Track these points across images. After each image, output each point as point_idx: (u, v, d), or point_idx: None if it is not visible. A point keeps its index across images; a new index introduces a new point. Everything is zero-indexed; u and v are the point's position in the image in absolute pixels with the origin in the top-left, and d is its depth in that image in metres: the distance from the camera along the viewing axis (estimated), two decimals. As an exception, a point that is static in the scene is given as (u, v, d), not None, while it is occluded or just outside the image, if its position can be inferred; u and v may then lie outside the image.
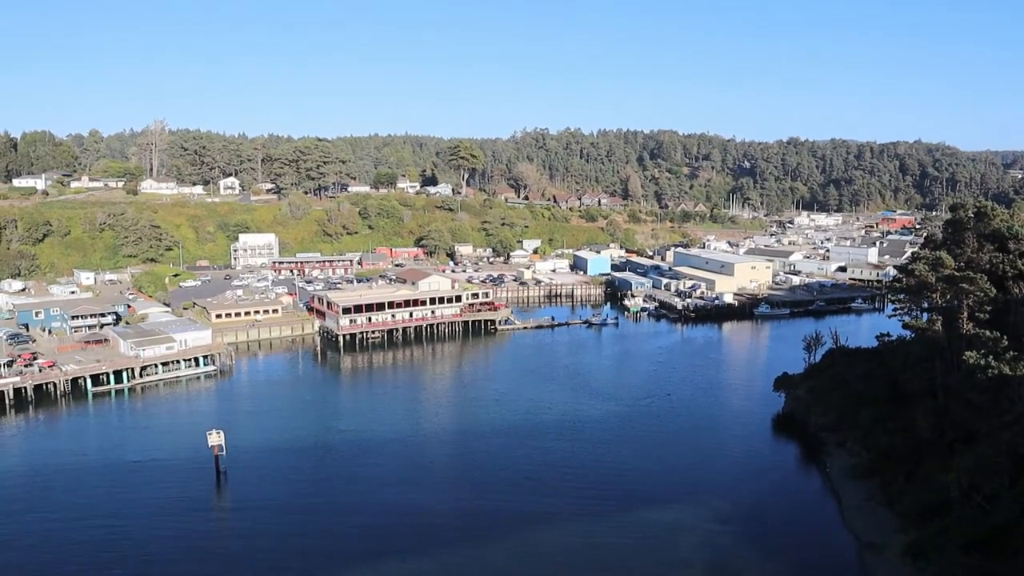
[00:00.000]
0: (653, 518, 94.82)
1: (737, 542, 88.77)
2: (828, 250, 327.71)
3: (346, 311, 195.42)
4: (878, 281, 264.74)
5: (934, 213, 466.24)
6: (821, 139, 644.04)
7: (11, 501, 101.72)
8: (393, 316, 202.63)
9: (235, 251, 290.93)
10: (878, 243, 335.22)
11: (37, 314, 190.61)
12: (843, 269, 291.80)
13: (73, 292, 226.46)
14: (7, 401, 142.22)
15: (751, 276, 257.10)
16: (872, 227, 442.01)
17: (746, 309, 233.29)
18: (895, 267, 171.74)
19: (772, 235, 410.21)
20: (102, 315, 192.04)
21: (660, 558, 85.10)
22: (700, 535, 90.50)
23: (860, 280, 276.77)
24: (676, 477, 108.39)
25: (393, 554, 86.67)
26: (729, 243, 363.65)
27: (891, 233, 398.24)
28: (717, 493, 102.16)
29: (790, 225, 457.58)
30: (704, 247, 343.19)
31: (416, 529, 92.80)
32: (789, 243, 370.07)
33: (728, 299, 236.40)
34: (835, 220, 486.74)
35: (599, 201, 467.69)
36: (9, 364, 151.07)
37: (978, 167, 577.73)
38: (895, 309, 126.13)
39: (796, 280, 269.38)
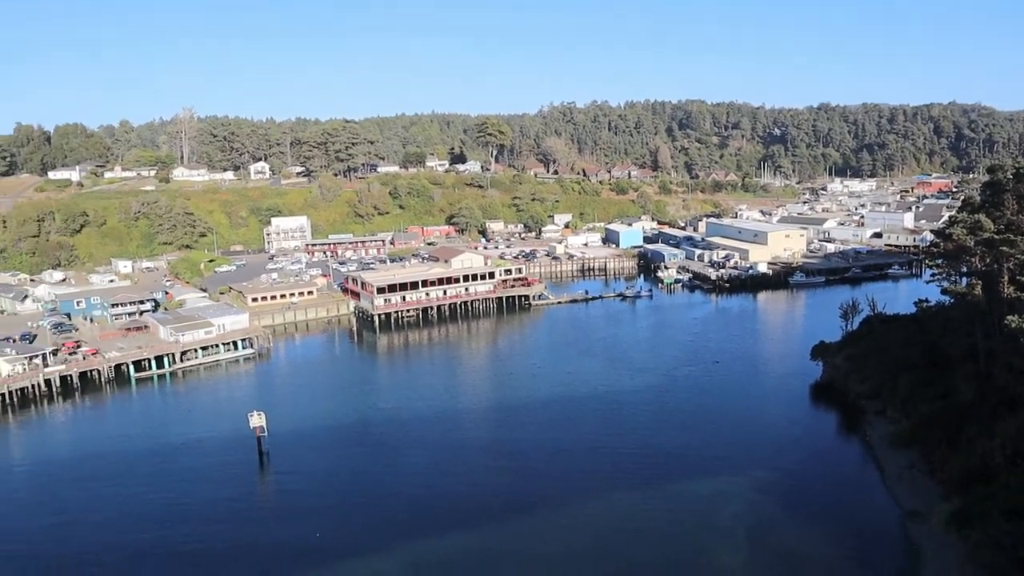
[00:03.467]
0: (692, 488, 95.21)
1: (778, 511, 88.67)
2: (863, 216, 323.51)
3: (380, 291, 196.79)
4: (915, 246, 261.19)
5: (971, 175, 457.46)
6: (852, 104, 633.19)
7: (60, 485, 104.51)
8: (427, 294, 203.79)
9: (268, 235, 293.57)
10: (914, 208, 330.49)
11: (78, 303, 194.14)
12: (878, 235, 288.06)
13: (112, 280, 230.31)
14: (54, 389, 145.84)
15: (785, 244, 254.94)
16: (907, 192, 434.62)
17: (781, 278, 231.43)
18: (932, 232, 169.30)
19: (805, 203, 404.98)
20: (141, 302, 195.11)
21: (701, 528, 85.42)
22: (741, 504, 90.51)
23: (896, 246, 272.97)
24: (715, 447, 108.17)
25: (435, 528, 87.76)
26: (761, 212, 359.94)
27: (927, 197, 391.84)
28: (757, 463, 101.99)
29: (823, 192, 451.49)
30: (736, 217, 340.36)
31: (457, 503, 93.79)
32: (822, 210, 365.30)
33: (762, 268, 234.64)
34: (869, 186, 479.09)
35: (629, 173, 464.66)
36: (54, 353, 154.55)
37: (1016, 127, 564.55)
38: (933, 274, 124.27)
39: (831, 247, 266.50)
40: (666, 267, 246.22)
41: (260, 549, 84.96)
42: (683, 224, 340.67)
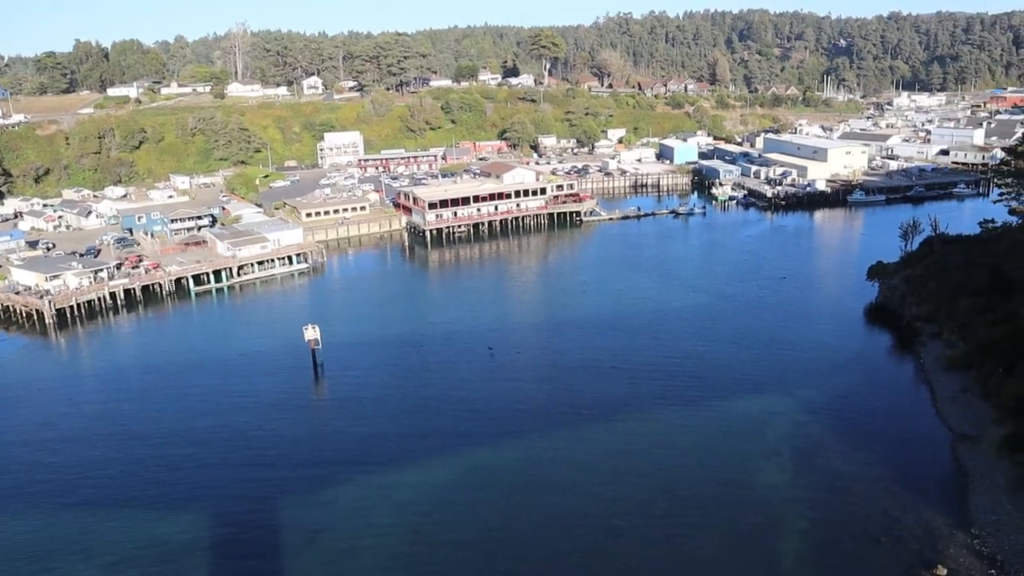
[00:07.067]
0: (740, 407, 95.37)
1: (826, 432, 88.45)
2: (929, 132, 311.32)
3: (432, 206, 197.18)
4: (983, 165, 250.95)
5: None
6: (925, 12, 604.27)
7: (129, 391, 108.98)
8: (478, 210, 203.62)
9: (321, 150, 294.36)
10: (985, 124, 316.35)
11: (139, 218, 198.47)
12: (945, 152, 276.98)
13: (171, 196, 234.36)
14: (119, 302, 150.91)
15: (845, 162, 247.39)
16: (979, 107, 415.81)
17: (839, 196, 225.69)
18: (1003, 149, 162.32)
19: (869, 118, 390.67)
20: (199, 218, 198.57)
21: (746, 447, 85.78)
22: (788, 425, 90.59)
23: (963, 164, 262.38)
24: (764, 367, 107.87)
25: (482, 441, 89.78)
26: (822, 127, 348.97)
27: (1000, 113, 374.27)
28: (806, 383, 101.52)
29: (888, 107, 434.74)
30: (796, 132, 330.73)
31: (503, 419, 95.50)
32: (887, 126, 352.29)
33: (820, 186, 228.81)
34: (938, 100, 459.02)
35: (685, 87, 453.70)
36: (118, 267, 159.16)
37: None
38: (1001, 194, 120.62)
39: (894, 165, 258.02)
40: (721, 184, 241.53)
41: (316, 454, 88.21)
42: (740, 140, 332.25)
